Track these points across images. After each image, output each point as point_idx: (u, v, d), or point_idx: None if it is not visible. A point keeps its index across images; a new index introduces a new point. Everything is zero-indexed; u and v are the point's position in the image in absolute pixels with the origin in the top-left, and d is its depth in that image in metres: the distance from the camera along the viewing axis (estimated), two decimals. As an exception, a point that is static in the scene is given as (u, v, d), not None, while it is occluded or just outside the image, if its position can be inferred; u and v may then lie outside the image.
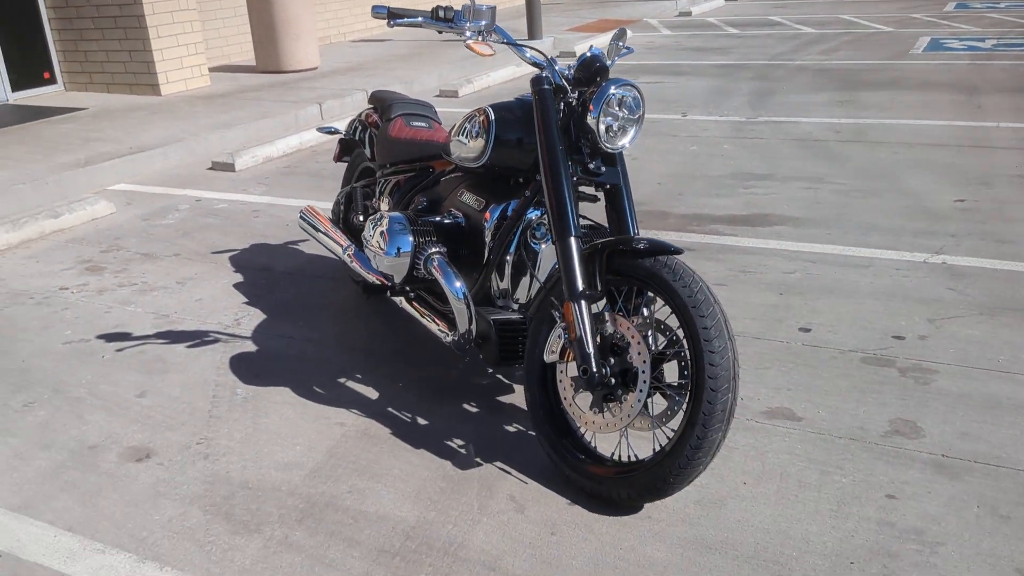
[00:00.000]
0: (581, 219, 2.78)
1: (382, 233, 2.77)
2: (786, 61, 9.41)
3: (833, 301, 3.54)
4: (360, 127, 3.69)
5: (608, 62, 2.57)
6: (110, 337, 3.61)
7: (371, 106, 3.70)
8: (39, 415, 3.03)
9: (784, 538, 2.23)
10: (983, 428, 2.64)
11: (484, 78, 8.81)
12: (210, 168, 6.28)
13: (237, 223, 5.01)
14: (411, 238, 2.75)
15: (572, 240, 2.39)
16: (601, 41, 11.25)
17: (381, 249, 2.76)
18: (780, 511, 2.33)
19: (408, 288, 2.90)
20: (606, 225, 2.64)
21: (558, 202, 2.41)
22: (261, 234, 4.79)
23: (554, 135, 2.46)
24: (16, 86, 8.70)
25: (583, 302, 2.33)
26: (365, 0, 12.56)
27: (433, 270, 2.71)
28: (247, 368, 3.28)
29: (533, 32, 11.04)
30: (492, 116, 2.66)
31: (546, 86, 2.52)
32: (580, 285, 2.35)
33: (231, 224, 5.00)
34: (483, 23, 2.56)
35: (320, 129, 3.97)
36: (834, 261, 3.95)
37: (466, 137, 2.76)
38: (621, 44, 2.82)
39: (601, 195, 2.64)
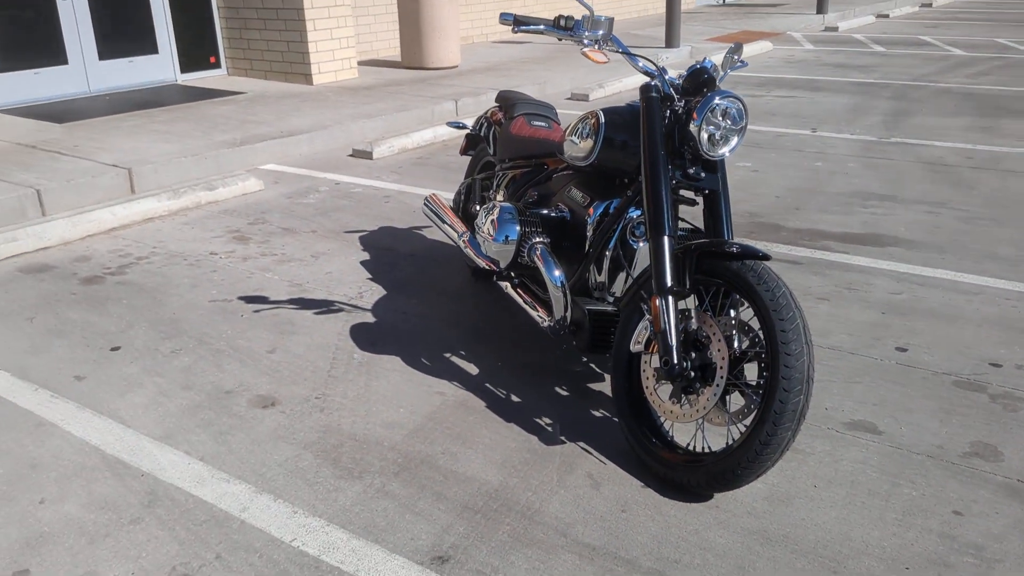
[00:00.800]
0: (680, 222, 2.94)
1: (492, 221, 3.01)
2: (929, 83, 9.14)
3: (935, 324, 3.55)
4: (485, 124, 3.95)
5: (720, 74, 2.72)
6: (249, 299, 4.00)
7: (497, 104, 3.95)
8: (183, 360, 3.42)
9: (844, 539, 2.33)
10: (1068, 459, 2.64)
11: (616, 83, 8.97)
12: (350, 155, 6.71)
13: (369, 206, 5.38)
14: (518, 227, 2.98)
15: (665, 239, 2.55)
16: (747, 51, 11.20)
17: (490, 235, 3.00)
18: (845, 515, 2.42)
19: (512, 274, 3.13)
20: (702, 229, 2.79)
21: (655, 202, 2.58)
22: (389, 218, 5.14)
23: (657, 140, 2.64)
24: (185, 68, 9.48)
25: (670, 297, 2.50)
26: (508, 2, 12.93)
27: (535, 258, 2.93)
28: (364, 336, 3.58)
29: (671, 40, 11.11)
30: (602, 119, 2.85)
31: (654, 94, 2.69)
32: (668, 281, 2.51)
33: (363, 207, 5.37)
34: (600, 32, 2.76)
35: (450, 124, 4.25)
36: (942, 285, 3.93)
37: (578, 137, 2.96)
38: (736, 57, 2.97)
39: (700, 200, 2.79)
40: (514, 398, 3.09)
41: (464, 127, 4.22)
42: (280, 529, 2.42)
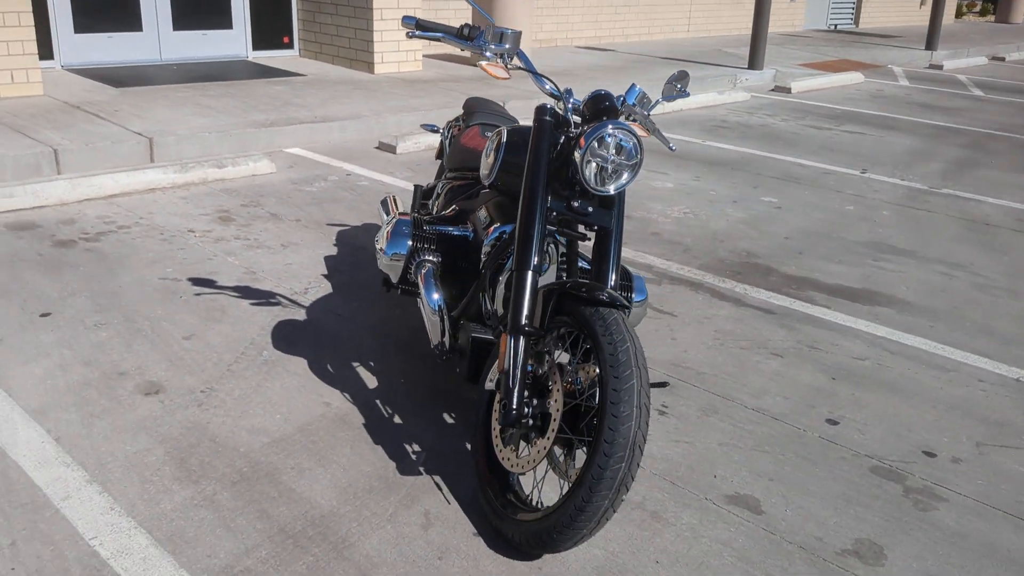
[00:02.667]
0: (580, 259, 2.74)
1: (387, 233, 2.87)
2: (1015, 134, 8.48)
3: (884, 398, 3.22)
4: (447, 130, 3.82)
5: (656, 100, 2.56)
6: (197, 281, 3.98)
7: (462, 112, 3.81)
8: (100, 336, 3.42)
9: (657, 628, 2.10)
10: (956, 574, 2.32)
11: (677, 102, 8.66)
12: (376, 147, 6.67)
13: (366, 201, 5.31)
14: (409, 242, 2.83)
15: (528, 273, 2.37)
16: (826, 81, 10.69)
17: (382, 249, 2.87)
18: (673, 600, 2.19)
19: (401, 289, 2.98)
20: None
21: (525, 233, 2.40)
22: (380, 215, 5.05)
23: (540, 167, 2.45)
24: (257, 46, 9.67)
25: (520, 337, 2.31)
26: (596, 5, 12.70)
27: (418, 278, 2.78)
28: (284, 334, 3.50)
29: (755, 61, 10.69)
30: (503, 138, 2.67)
31: (547, 117, 2.51)
32: (522, 319, 2.32)
33: (361, 201, 5.31)
34: (506, 46, 2.59)
35: (424, 126, 4.13)
36: (917, 357, 3.57)
37: (485, 154, 2.79)
38: (678, 86, 2.76)
39: (592, 235, 2.59)
40: (396, 420, 2.95)
41: (437, 130, 4.10)
42: (87, 525, 2.35)
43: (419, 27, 2.64)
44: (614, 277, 2.50)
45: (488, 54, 2.59)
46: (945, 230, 5.29)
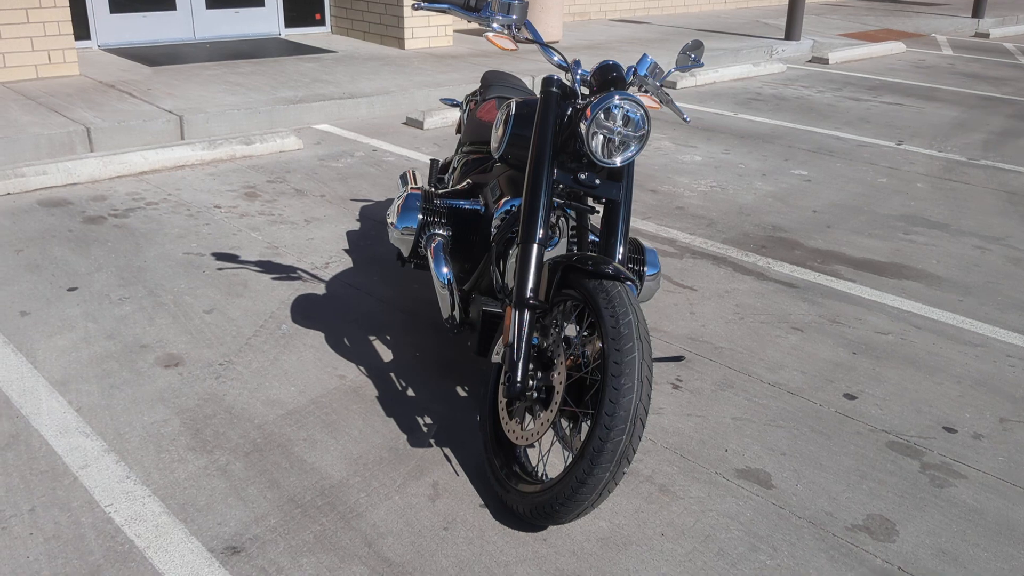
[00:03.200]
0: (591, 232, 2.71)
1: (398, 207, 2.87)
2: (1066, 102, 8.22)
3: (906, 373, 3.16)
4: (466, 104, 3.80)
5: (668, 71, 2.53)
6: (220, 256, 4.03)
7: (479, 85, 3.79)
8: (124, 310, 3.48)
9: (659, 600, 2.09)
10: (970, 552, 2.28)
11: (710, 74, 8.54)
12: (403, 123, 6.67)
13: (391, 177, 5.32)
14: (420, 216, 2.83)
15: (533, 247, 2.35)
16: (866, 51, 10.45)
17: (392, 223, 2.87)
18: (676, 573, 2.18)
19: (413, 263, 2.99)
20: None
21: (530, 206, 2.38)
22: (398, 189, 5.05)
23: (546, 139, 2.42)
24: (289, 23, 9.70)
25: (525, 310, 2.30)
26: (633, -20, 12.52)
27: (428, 252, 2.78)
28: (303, 307, 3.54)
29: (791, 32, 10.47)
30: (512, 111, 2.65)
31: (554, 88, 2.48)
32: (527, 293, 2.31)
33: (385, 176, 5.32)
34: (513, 17, 2.56)
35: (443, 100, 4.11)
36: (943, 331, 3.50)
37: (495, 128, 2.77)
38: (692, 56, 2.72)
39: (600, 208, 2.56)
40: (410, 393, 2.97)
41: (457, 104, 4.08)
42: (103, 492, 2.40)
43: (425, -2, 2.62)
44: (622, 250, 2.47)
45: (495, 25, 2.56)
46: (982, 202, 5.16)
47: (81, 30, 8.29)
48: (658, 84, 2.64)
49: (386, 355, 3.20)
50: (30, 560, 2.14)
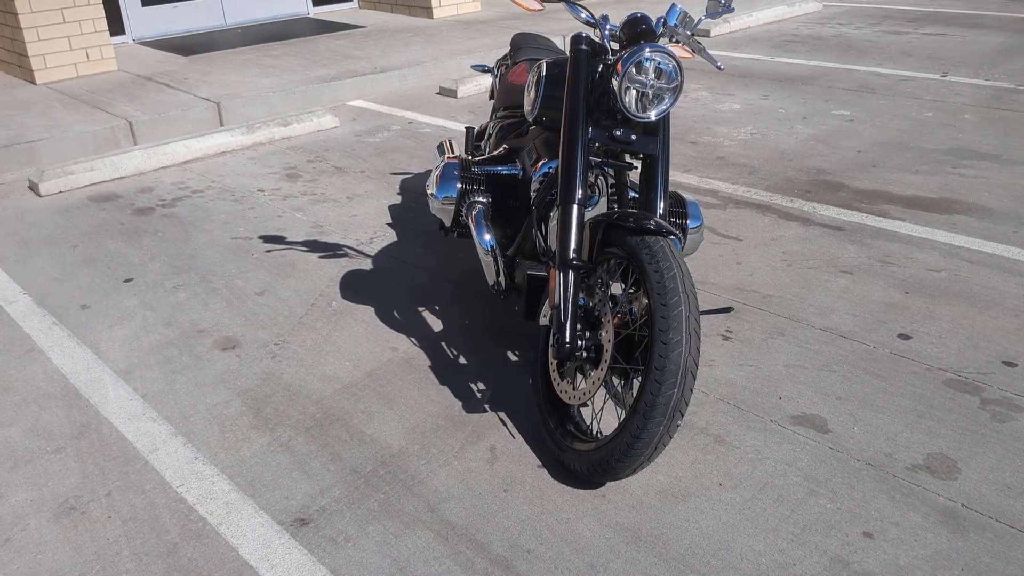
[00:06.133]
0: (630, 188, 2.70)
1: (436, 178, 2.89)
2: (1119, 18, 7.89)
3: (961, 310, 3.11)
4: (497, 68, 3.79)
5: (699, 19, 2.50)
6: (268, 239, 4.10)
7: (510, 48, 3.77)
8: (179, 297, 3.57)
9: (720, 549, 2.11)
10: (1035, 485, 2.26)
11: (744, 18, 8.36)
12: (437, 93, 6.67)
13: (428, 148, 5.34)
14: (459, 184, 2.85)
15: (573, 208, 2.36)
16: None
17: (432, 194, 2.89)
18: (736, 521, 2.20)
19: (456, 232, 3.01)
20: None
21: (567, 167, 2.38)
22: (436, 160, 5.08)
23: (578, 98, 2.42)
24: (317, 1, 9.71)
25: (569, 271, 2.31)
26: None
27: (469, 219, 2.80)
28: (352, 284, 3.59)
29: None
30: (543, 72, 2.64)
31: (583, 46, 2.46)
32: (570, 254, 2.32)
33: (423, 148, 5.34)
34: (538, -22, 2.54)
35: (474, 67, 4.10)
36: (998, 265, 3.43)
37: (527, 91, 2.77)
38: (722, 1, 2.67)
39: (638, 164, 2.55)
40: (462, 360, 3.01)
41: (489, 69, 4.07)
42: (174, 474, 2.49)
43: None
44: (662, 204, 2.47)
45: (521, -14, 2.55)
46: (1033, 130, 5.01)
47: (115, 25, 8.41)
48: (689, 33, 2.61)
49: (436, 325, 3.25)
50: (110, 542, 2.24)
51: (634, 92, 2.37)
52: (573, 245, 2.33)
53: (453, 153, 3.63)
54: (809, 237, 3.77)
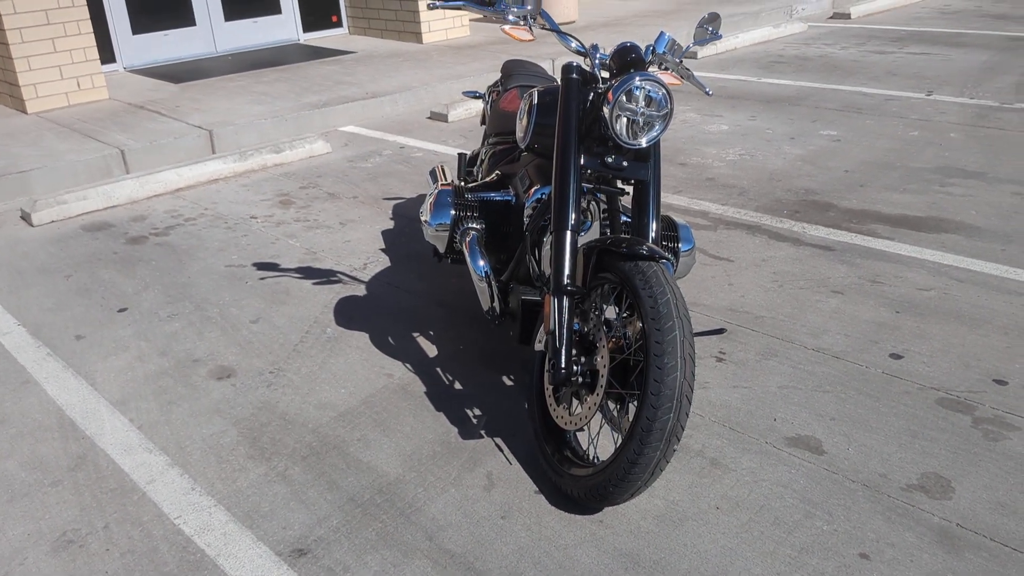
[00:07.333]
0: (622, 213, 2.73)
1: (430, 205, 2.91)
2: (1100, 36, 8.01)
3: (951, 329, 3.14)
4: (488, 95, 3.82)
5: (687, 46, 2.55)
6: (261, 266, 4.12)
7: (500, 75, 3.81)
8: (174, 326, 3.57)
9: (718, 572, 2.12)
10: (1029, 504, 2.28)
11: (732, 40, 8.45)
12: (428, 117, 6.71)
13: (420, 172, 5.37)
14: (452, 211, 2.87)
15: (567, 234, 2.38)
16: (889, 2, 10.26)
17: (426, 220, 2.92)
18: (734, 545, 2.21)
19: (450, 259, 3.03)
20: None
21: (560, 194, 2.41)
22: (429, 186, 5.10)
23: (570, 126, 2.45)
24: (307, 28, 9.78)
25: (563, 297, 2.33)
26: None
27: (463, 246, 2.82)
28: (346, 310, 3.60)
29: (811, -10, 10.29)
30: (535, 100, 2.67)
31: (574, 75, 2.50)
32: (564, 279, 2.34)
33: (415, 173, 5.37)
34: (528, 8, 2.58)
35: (465, 93, 4.14)
36: (986, 283, 3.46)
37: (519, 118, 2.80)
38: (710, 29, 2.72)
39: (630, 189, 2.58)
40: (457, 386, 3.02)
41: (480, 96, 4.10)
42: (171, 505, 2.49)
43: (441, -3, 2.65)
44: (655, 228, 2.49)
45: (510, 17, 2.59)
46: (1018, 148, 5.07)
47: (106, 53, 8.44)
48: (678, 60, 2.65)
49: (430, 350, 3.26)
50: (109, 575, 2.23)
51: (625, 120, 2.40)
52: (567, 271, 2.36)
53: (446, 179, 3.66)
54: (799, 257, 3.80)
